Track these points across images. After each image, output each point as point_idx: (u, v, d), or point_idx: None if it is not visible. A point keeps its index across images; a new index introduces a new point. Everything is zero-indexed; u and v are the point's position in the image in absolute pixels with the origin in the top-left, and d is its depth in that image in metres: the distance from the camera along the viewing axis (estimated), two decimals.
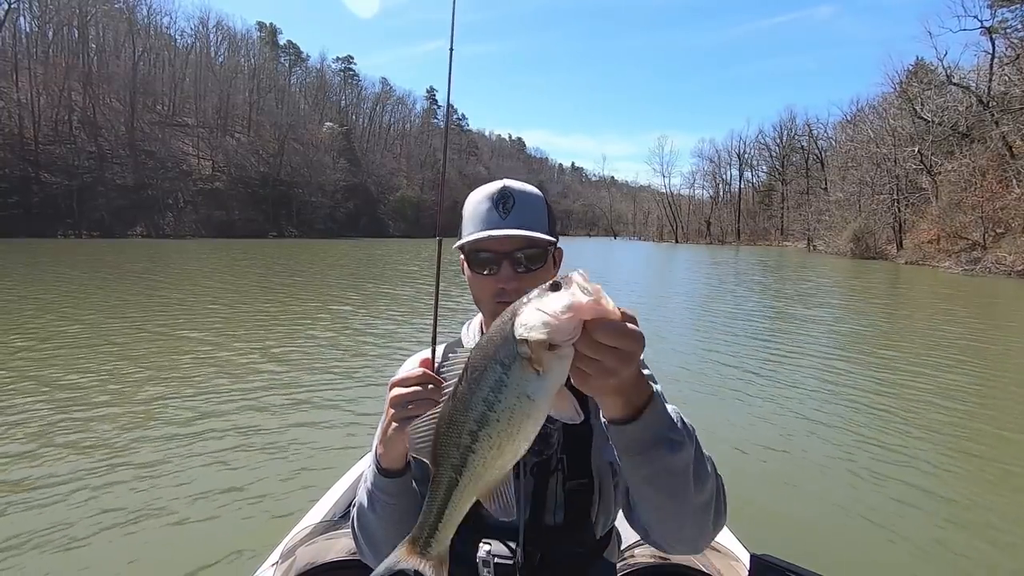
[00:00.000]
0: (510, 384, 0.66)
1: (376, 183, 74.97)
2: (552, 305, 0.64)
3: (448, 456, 0.72)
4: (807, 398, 6.59)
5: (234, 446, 4.72)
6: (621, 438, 0.79)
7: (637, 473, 0.81)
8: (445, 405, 0.71)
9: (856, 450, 5.00)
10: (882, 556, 3.40)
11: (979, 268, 26.97)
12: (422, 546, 0.79)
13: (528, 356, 0.64)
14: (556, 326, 0.63)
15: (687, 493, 0.81)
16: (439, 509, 0.76)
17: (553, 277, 0.68)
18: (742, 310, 14.17)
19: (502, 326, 0.67)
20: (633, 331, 0.67)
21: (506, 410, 0.66)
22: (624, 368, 0.68)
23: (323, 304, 13.54)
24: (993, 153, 32.23)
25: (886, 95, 45.84)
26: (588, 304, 0.64)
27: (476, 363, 0.68)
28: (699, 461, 0.83)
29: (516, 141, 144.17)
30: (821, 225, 51.57)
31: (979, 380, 7.56)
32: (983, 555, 3.47)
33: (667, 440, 0.78)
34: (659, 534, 0.91)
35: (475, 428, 0.68)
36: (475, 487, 0.72)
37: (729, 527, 2.04)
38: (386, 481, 1.02)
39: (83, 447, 4.60)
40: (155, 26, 65.69)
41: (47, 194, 43.90)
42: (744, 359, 8.49)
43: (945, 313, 14.32)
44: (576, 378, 0.69)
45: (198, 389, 6.24)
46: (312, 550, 1.48)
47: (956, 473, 4.65)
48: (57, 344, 8.10)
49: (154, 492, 3.87)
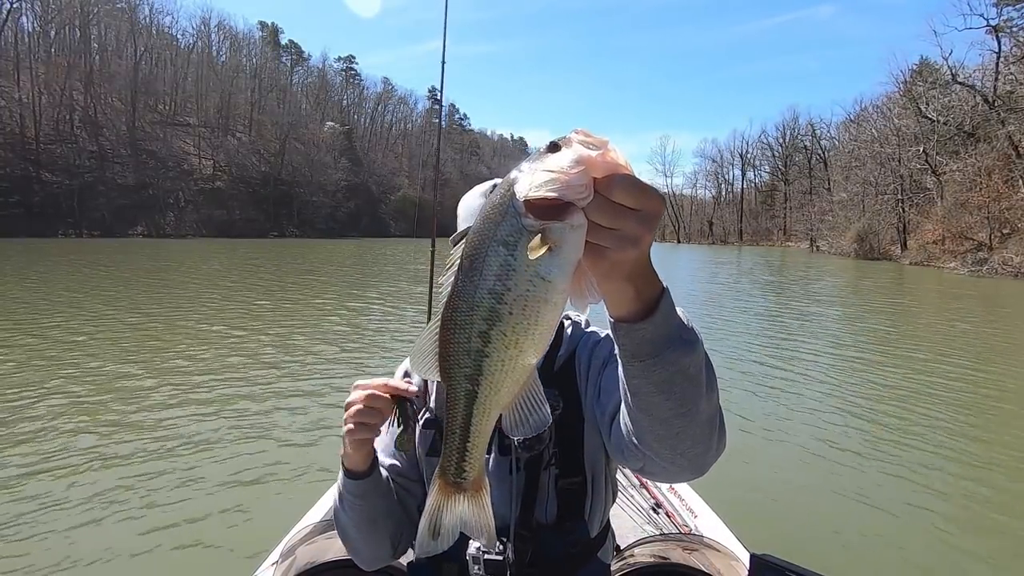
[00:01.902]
0: (518, 266, 0.55)
1: (377, 183, 74.86)
2: (555, 162, 0.54)
3: (459, 366, 0.61)
4: (808, 398, 6.54)
5: (235, 445, 4.69)
6: (631, 340, 0.67)
7: (648, 380, 0.69)
8: (445, 307, 0.60)
9: (857, 450, 4.96)
10: (883, 556, 3.37)
11: (985, 269, 26.71)
12: (454, 474, 0.71)
13: (536, 228, 0.54)
14: (565, 181, 0.53)
15: (699, 400, 0.72)
16: (462, 428, 0.66)
17: None
18: (743, 310, 14.00)
19: (500, 199, 0.56)
20: (652, 188, 0.55)
21: (519, 299, 0.56)
22: (646, 235, 0.57)
23: (340, 301, 13.57)
24: (999, 153, 31.97)
25: (890, 94, 45.60)
26: (597, 158, 0.54)
27: (473, 249, 0.57)
28: (709, 364, 0.74)
29: (518, 141, 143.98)
30: (824, 225, 51.33)
31: (989, 382, 7.38)
32: (985, 556, 3.43)
33: (681, 339, 0.68)
34: (661, 456, 0.78)
35: (485, 327, 0.57)
36: (497, 396, 0.62)
37: (729, 527, 2.02)
38: (352, 482, 1.07)
39: (84, 446, 4.56)
40: (157, 26, 65.75)
41: (48, 193, 43.85)
42: (745, 358, 8.39)
43: (956, 313, 14.09)
44: (590, 255, 0.57)
45: (198, 388, 6.20)
46: (312, 549, 1.47)
47: (959, 474, 4.59)
48: (70, 343, 7.96)
49: (154, 491, 3.84)
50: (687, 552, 1.49)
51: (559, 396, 1.11)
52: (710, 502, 2.30)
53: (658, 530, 2.10)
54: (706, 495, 2.37)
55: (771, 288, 21.18)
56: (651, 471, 0.84)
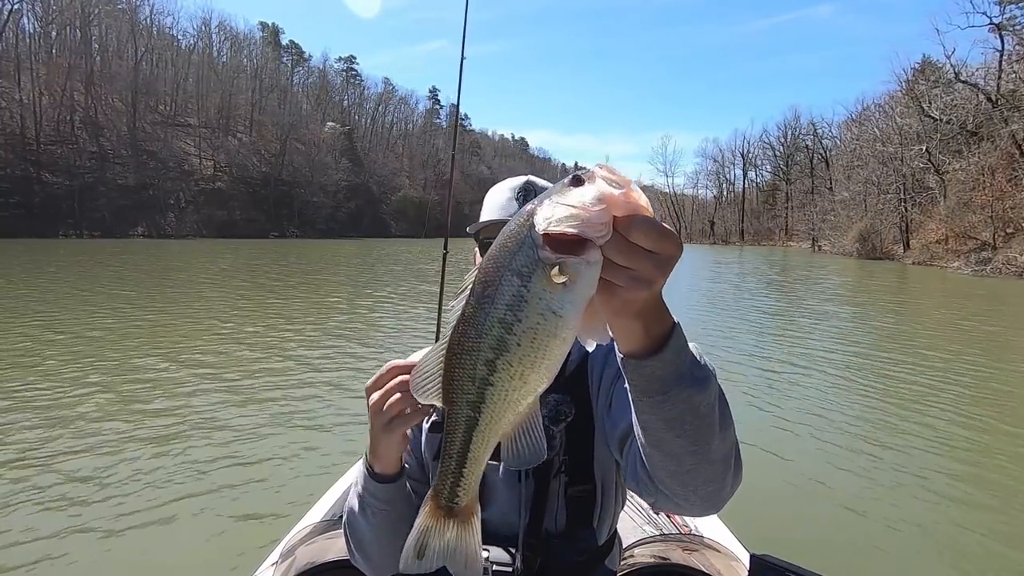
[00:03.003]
0: (531, 298, 0.54)
1: (378, 183, 74.83)
2: (577, 197, 0.54)
3: (463, 391, 0.61)
4: (809, 397, 6.46)
5: (236, 445, 4.64)
6: (640, 376, 0.66)
7: (657, 416, 0.69)
8: (453, 332, 0.60)
9: (859, 450, 4.90)
10: (883, 556, 3.32)
11: (990, 269, 26.51)
12: (447, 498, 0.70)
13: (552, 262, 0.53)
14: (586, 218, 0.52)
15: (711, 438, 0.71)
16: (459, 454, 0.66)
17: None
18: (743, 310, 13.86)
19: (518, 229, 0.56)
20: (671, 232, 0.55)
21: (528, 331, 0.55)
22: (660, 278, 0.57)
23: (350, 300, 13.54)
24: (1002, 152, 31.76)
25: (892, 93, 45.41)
26: (620, 196, 0.53)
27: (487, 276, 0.57)
28: (723, 401, 0.73)
29: (519, 141, 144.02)
30: (826, 225, 51.15)
31: (998, 383, 7.22)
32: (987, 556, 3.39)
33: (692, 376, 0.67)
34: (674, 492, 0.77)
35: (492, 356, 0.57)
36: (497, 425, 0.62)
37: (729, 526, 2.02)
38: (378, 486, 0.96)
39: (84, 445, 4.52)
40: (158, 26, 65.81)
41: (48, 194, 43.85)
42: (744, 357, 8.28)
43: (959, 313, 13.94)
44: (602, 292, 0.57)
45: (198, 388, 6.13)
46: (312, 549, 1.46)
47: (961, 473, 4.52)
48: (88, 339, 7.91)
49: (154, 491, 3.79)
50: (687, 552, 1.49)
51: (572, 402, 1.06)
52: None
53: (658, 530, 2.05)
54: None
55: (776, 287, 21.07)
56: (664, 506, 0.82)
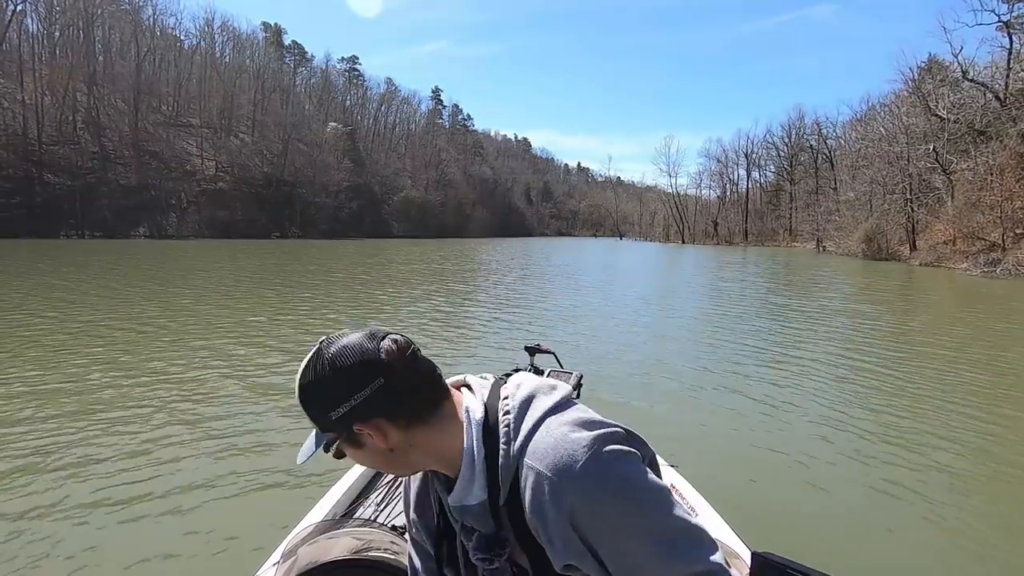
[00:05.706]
0: None
1: (380, 183, 74.78)
2: None
3: None
4: (809, 396, 6.28)
5: (236, 444, 4.50)
6: None
7: None
8: None
9: (861, 447, 4.77)
10: (886, 554, 3.26)
11: (999, 270, 26.03)
12: None
13: None
14: None
15: None
16: None
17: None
18: (745, 309, 13.66)
19: None
20: None
21: None
22: None
23: (356, 299, 13.52)
24: (1011, 151, 31.28)
25: (898, 93, 44.97)
26: None
27: None
28: None
29: (522, 141, 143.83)
30: (831, 225, 50.64)
31: (1008, 384, 6.99)
32: (990, 556, 3.31)
33: None
34: None
35: None
36: None
37: (730, 524, 1.99)
38: None
39: (83, 444, 4.42)
40: (160, 27, 65.99)
41: (50, 194, 43.88)
42: (744, 357, 8.13)
43: (970, 313, 13.65)
44: None
45: (199, 388, 6.00)
46: (313, 549, 1.45)
47: (965, 473, 4.39)
48: (85, 337, 7.80)
49: (154, 491, 3.71)
50: None
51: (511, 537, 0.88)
52: (710, 499, 2.19)
53: None
54: (706, 492, 2.25)
55: (782, 286, 20.78)
56: None
